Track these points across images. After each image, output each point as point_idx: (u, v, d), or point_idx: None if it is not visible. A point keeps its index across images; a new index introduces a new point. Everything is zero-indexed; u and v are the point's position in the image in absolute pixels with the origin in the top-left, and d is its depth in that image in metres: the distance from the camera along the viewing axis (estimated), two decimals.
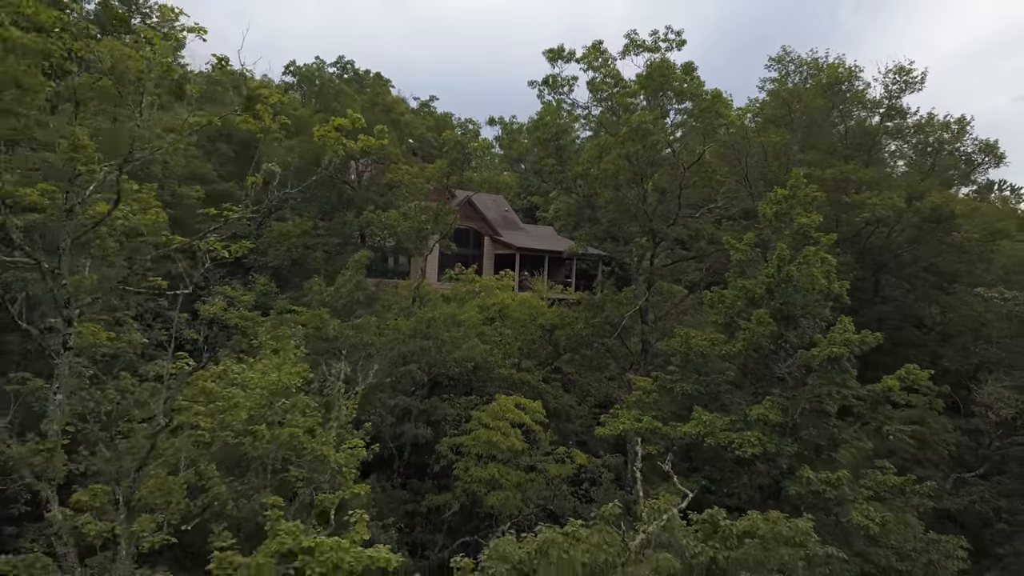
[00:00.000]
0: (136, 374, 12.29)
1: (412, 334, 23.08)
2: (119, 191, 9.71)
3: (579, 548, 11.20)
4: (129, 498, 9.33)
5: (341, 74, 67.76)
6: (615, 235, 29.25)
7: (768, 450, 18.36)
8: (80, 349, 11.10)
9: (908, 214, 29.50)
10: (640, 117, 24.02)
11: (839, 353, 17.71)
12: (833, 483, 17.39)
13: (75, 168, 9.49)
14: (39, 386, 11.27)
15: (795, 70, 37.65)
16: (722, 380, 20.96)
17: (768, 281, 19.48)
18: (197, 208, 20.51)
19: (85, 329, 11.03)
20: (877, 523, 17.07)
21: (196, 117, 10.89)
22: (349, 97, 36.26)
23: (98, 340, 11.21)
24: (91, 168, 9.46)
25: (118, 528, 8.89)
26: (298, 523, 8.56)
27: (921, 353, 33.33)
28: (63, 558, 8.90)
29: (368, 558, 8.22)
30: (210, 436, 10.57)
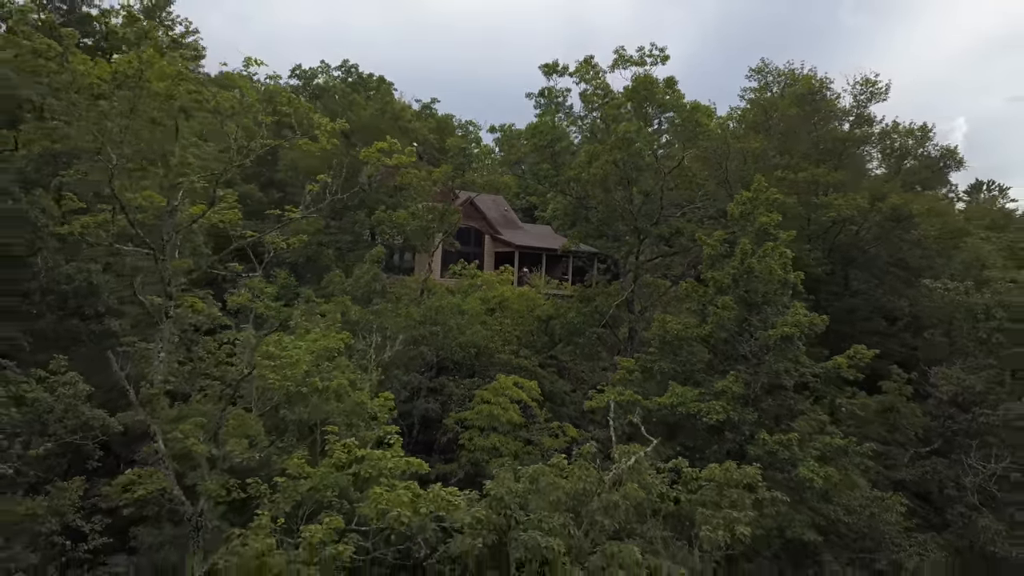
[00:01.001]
0: (216, 339, 15.18)
1: (422, 320, 25.99)
2: (214, 197, 12.59)
3: (563, 478, 14.13)
4: (216, 430, 12.19)
5: (345, 77, 70.57)
6: (605, 233, 32.14)
7: (732, 418, 21.27)
8: (177, 318, 14.00)
9: (872, 214, 32.41)
10: (625, 127, 26.93)
11: (791, 333, 20.62)
12: (785, 444, 20.30)
13: (176, 179, 12.36)
14: (146, 347, 14.16)
15: (773, 80, 40.59)
16: (696, 360, 23.86)
17: (733, 272, 22.40)
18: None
19: (184, 301, 13.93)
20: (821, 477, 19.97)
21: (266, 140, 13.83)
22: (360, 106, 39.11)
23: (197, 310, 14.07)
24: (191, 180, 12.36)
25: (215, 450, 11.74)
26: (352, 440, 11.44)
27: (888, 342, 36.22)
28: (166, 476, 11.74)
29: (405, 463, 11.11)
30: (277, 385, 13.42)
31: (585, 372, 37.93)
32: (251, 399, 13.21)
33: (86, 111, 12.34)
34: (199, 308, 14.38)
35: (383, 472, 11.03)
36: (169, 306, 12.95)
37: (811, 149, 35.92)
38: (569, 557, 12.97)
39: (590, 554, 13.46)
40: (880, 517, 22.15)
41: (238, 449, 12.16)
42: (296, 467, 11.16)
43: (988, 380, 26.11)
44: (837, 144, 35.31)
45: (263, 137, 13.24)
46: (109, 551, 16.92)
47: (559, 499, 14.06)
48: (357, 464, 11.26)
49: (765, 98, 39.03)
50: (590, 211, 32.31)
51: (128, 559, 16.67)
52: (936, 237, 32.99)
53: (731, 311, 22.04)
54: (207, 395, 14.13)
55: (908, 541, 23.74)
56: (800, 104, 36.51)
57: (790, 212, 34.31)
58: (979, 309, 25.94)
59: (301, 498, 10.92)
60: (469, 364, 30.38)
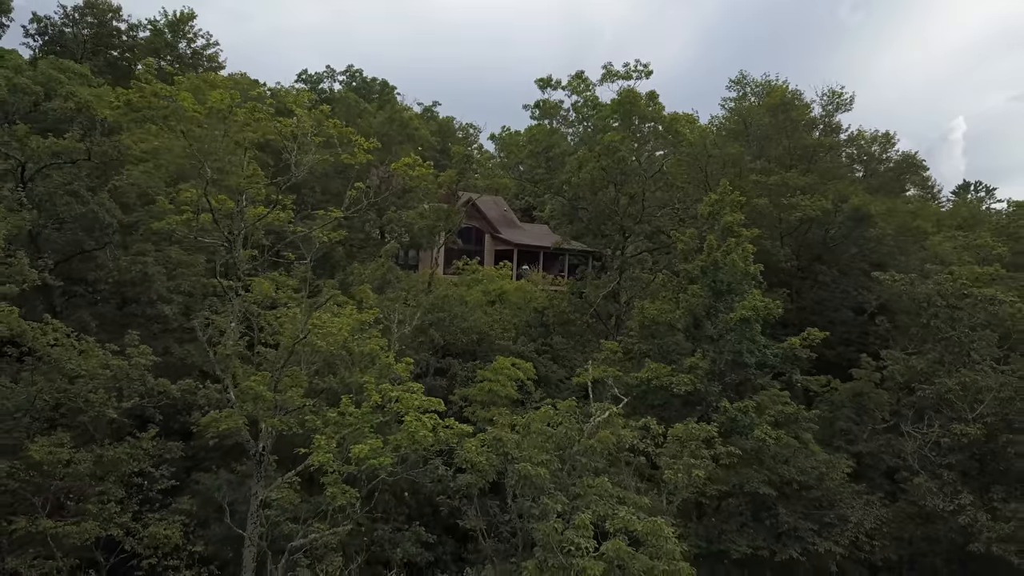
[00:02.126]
0: (273, 314, 18.68)
1: (430, 308, 29.44)
2: (277, 200, 16.06)
3: (550, 427, 17.60)
4: (277, 382, 15.60)
5: (350, 82, 73.99)
6: (594, 231, 35.61)
7: (699, 389, 24.74)
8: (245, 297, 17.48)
9: (836, 214, 35.88)
10: (610, 137, 30.41)
11: (748, 315, 24.07)
12: (743, 411, 23.75)
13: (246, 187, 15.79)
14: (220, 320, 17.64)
15: (751, 91, 44.02)
16: (670, 342, 27.31)
17: (702, 264, 25.86)
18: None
19: (253, 283, 17.44)
20: (773, 438, 23.42)
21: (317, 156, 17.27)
22: (371, 115, 42.55)
23: (264, 289, 17.55)
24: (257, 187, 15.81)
25: (279, 398, 15.17)
26: (386, 383, 14.90)
27: (853, 330, 39.79)
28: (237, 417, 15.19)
29: (428, 401, 14.56)
30: (324, 349, 16.82)
31: (578, 360, 41.45)
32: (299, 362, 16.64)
33: (187, 135, 15.76)
34: (265, 289, 17.82)
35: (411, 408, 14.49)
36: (238, 286, 16.39)
37: (783, 155, 39.34)
38: (554, 486, 16.43)
39: (571, 485, 16.91)
40: (828, 476, 25.65)
41: (295, 395, 15.59)
42: (344, 407, 14.58)
43: (931, 361, 29.50)
44: (807, 150, 38.73)
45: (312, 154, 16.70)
46: (175, 492, 20.44)
47: (547, 442, 17.52)
48: (391, 404, 14.72)
49: (743, 107, 42.46)
50: (581, 211, 35.78)
51: (191, 500, 20.18)
52: (894, 235, 36.42)
53: (699, 298, 25.52)
54: (266, 358, 17.55)
55: (858, 500, 27.32)
56: (774, 114, 39.95)
57: (762, 212, 37.89)
58: (922, 298, 29.34)
59: (347, 432, 14.35)
60: (472, 349, 33.78)
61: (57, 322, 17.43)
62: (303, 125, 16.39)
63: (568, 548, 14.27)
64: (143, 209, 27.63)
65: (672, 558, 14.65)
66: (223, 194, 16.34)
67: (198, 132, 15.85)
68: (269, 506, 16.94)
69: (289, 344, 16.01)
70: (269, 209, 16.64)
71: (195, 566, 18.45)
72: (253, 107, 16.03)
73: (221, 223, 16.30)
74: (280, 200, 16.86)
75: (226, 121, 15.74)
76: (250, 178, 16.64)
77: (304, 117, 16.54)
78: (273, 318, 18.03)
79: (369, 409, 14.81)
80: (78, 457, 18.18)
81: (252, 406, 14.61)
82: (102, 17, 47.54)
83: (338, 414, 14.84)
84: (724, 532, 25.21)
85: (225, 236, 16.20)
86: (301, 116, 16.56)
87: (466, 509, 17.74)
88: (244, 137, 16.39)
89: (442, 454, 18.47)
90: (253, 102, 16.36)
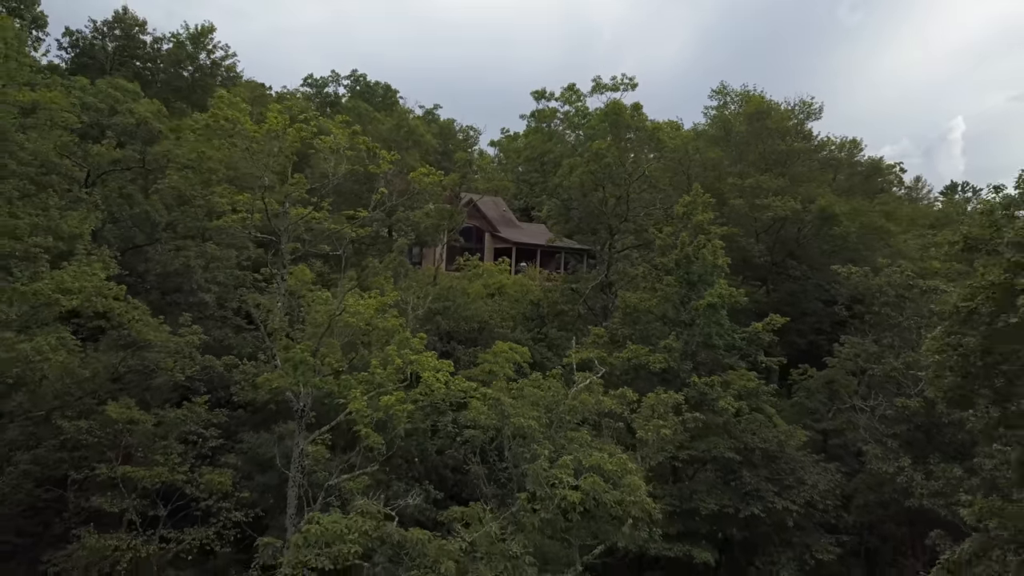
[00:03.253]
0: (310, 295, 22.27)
1: (436, 298, 32.99)
2: (318, 203, 19.58)
3: (540, 390, 21.16)
4: (316, 350, 19.11)
5: (354, 86, 77.47)
6: (585, 230, 39.18)
7: (673, 367, 28.27)
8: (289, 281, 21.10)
9: (805, 214, 39.44)
10: (598, 144, 33.96)
11: (715, 302, 27.61)
12: (710, 384, 27.28)
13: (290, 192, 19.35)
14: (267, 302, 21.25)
15: (731, 100, 47.58)
16: (649, 327, 30.85)
17: (676, 258, 29.41)
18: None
19: (295, 270, 21.04)
20: (735, 408, 26.95)
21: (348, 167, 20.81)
22: (380, 122, 46.12)
23: (305, 276, 21.13)
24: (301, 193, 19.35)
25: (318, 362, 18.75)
26: (407, 350, 18.45)
27: (824, 320, 43.39)
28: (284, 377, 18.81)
29: (439, 363, 18.12)
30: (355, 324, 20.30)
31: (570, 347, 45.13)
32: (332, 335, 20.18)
33: (246, 150, 19.34)
34: (305, 276, 21.39)
35: (426, 368, 18.01)
36: (283, 273, 19.91)
37: (759, 159, 42.90)
38: (543, 436, 19.99)
39: (557, 437, 20.47)
40: (785, 442, 29.20)
41: (333, 358, 19.09)
42: (373, 369, 18.13)
43: (883, 345, 33.06)
44: (780, 155, 42.29)
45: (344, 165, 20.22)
46: (222, 451, 23.98)
47: (537, 403, 21.08)
48: (410, 366, 18.26)
49: (724, 115, 46.05)
50: (573, 211, 39.35)
51: (236, 457, 23.75)
52: (859, 234, 40.03)
53: (674, 288, 29.07)
54: (304, 332, 21.06)
55: (816, 468, 30.94)
56: (750, 121, 43.53)
57: (739, 212, 41.46)
58: (875, 289, 32.92)
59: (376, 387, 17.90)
60: (474, 337, 37.31)
61: (137, 301, 20.95)
62: (339, 141, 19.94)
63: (553, 482, 17.78)
64: (179, 210, 31.21)
65: (636, 490, 18.17)
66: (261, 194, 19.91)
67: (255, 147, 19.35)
68: (306, 457, 20.49)
69: (325, 320, 19.51)
70: (310, 209, 20.22)
71: (242, 509, 21.99)
72: (299, 127, 19.55)
73: (273, 221, 19.83)
74: (318, 202, 20.39)
75: (279, 139, 19.26)
76: (295, 184, 20.21)
77: (340, 135, 20.10)
78: (311, 300, 21.54)
79: (393, 370, 18.35)
80: (143, 418, 21.75)
81: (294, 372, 18.10)
82: (129, 30, 51.10)
83: (369, 374, 18.39)
84: (695, 493, 28.70)
85: (273, 230, 19.73)
86: (336, 134, 20.14)
87: (471, 459, 21.26)
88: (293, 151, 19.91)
89: (453, 408, 22.04)
90: (300, 123, 19.96)
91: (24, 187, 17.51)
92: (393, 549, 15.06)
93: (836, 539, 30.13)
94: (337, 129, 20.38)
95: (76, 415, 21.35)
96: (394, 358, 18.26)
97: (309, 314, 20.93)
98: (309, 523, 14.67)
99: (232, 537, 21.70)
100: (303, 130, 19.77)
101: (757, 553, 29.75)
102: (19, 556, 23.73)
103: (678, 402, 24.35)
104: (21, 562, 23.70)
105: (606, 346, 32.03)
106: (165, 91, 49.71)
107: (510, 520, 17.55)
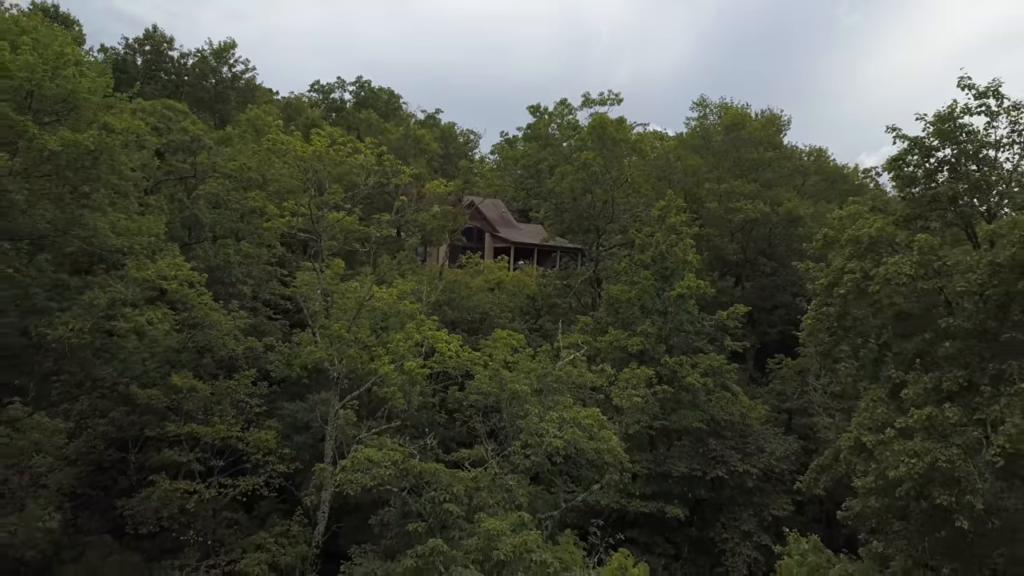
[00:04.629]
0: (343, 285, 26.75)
1: (443, 290, 37.43)
2: (350, 209, 24.02)
3: (531, 363, 25.59)
4: (350, 327, 23.52)
5: (359, 91, 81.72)
6: (575, 230, 43.64)
7: (648, 349, 32.67)
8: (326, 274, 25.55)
9: (774, 216, 43.87)
10: (585, 155, 38.43)
11: (684, 293, 32.04)
12: (679, 363, 31.70)
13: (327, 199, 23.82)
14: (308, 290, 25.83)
15: (711, 112, 52.05)
16: (629, 315, 35.26)
17: (652, 254, 33.83)
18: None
19: (333, 263, 25.49)
20: (700, 383, 31.36)
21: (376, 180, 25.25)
22: (389, 132, 50.57)
23: (340, 267, 25.56)
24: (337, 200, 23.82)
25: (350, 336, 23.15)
26: (425, 327, 22.95)
27: (792, 312, 47.74)
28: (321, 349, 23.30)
29: (451, 338, 22.57)
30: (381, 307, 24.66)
31: None
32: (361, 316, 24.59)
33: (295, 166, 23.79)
34: (340, 267, 25.86)
35: (440, 340, 22.37)
36: (322, 265, 24.30)
37: (734, 166, 47.32)
38: (534, 399, 24.42)
39: (545, 401, 24.91)
40: (747, 416, 33.68)
41: (363, 334, 23.51)
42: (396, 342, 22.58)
43: None
44: (752, 163, 46.71)
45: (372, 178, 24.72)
46: (265, 416, 28.36)
47: (529, 374, 25.52)
48: (427, 340, 22.71)
49: (703, 125, 50.54)
50: (565, 214, 43.81)
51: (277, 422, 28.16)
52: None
53: (650, 281, 33.50)
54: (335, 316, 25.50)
55: (775, 438, 35.42)
56: (727, 132, 47.98)
57: (715, 214, 45.89)
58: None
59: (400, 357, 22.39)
60: (476, 327, 41.76)
61: (203, 288, 25.34)
62: (368, 159, 24.36)
63: (542, 433, 22.17)
64: (215, 212, 35.62)
65: (609, 441, 22.58)
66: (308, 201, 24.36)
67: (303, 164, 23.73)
68: (338, 418, 24.93)
69: (355, 305, 23.91)
70: (343, 214, 24.67)
71: (284, 463, 26.39)
72: (339, 149, 23.95)
73: (314, 224, 24.26)
74: (350, 209, 24.83)
75: (321, 160, 23.64)
76: (332, 193, 24.63)
77: (368, 155, 24.52)
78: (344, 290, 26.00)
79: (413, 344, 22.74)
80: (202, 387, 26.15)
81: (331, 345, 22.39)
82: (158, 46, 55.49)
83: (394, 345, 22.79)
84: (668, 458, 33.12)
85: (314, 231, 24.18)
86: (366, 153, 24.57)
87: (475, 418, 25.67)
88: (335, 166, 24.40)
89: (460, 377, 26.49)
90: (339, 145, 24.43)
91: (112, 196, 21.79)
92: (415, 478, 19.42)
93: (792, 499, 34.56)
94: (367, 150, 24.83)
95: (147, 385, 25.76)
96: (413, 334, 22.66)
97: (339, 301, 25.32)
98: (354, 453, 19.06)
99: (276, 485, 26.12)
100: (340, 150, 24.17)
101: (723, 511, 34.19)
102: (93, 506, 28.16)
103: (649, 376, 28.77)
104: (95, 511, 28.13)
105: (592, 332, 36.47)
106: (190, 101, 53.99)
107: (506, 462, 21.95)
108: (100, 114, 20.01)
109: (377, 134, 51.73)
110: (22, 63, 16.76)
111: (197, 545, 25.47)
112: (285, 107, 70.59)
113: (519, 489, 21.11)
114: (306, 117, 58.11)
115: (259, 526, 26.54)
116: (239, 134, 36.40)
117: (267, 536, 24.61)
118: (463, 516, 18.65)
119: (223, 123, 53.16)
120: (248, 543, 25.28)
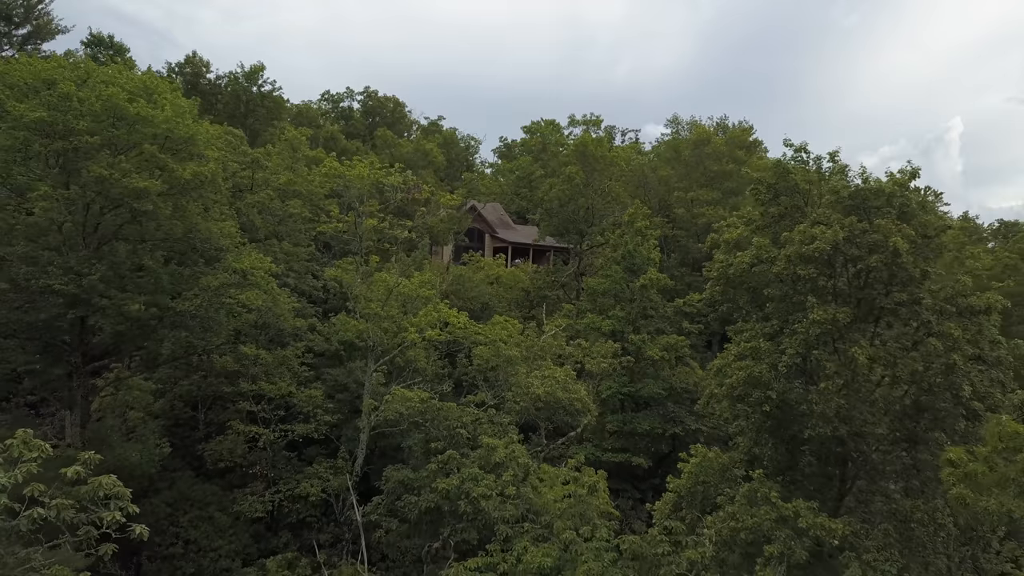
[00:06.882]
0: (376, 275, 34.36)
1: (450, 283, 44.94)
2: (385, 216, 31.44)
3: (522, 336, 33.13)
4: (385, 302, 30.99)
5: (366, 100, 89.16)
6: (563, 232, 51.21)
7: (618, 329, 40.14)
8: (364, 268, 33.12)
9: None
10: (570, 170, 45.97)
11: (646, 283, 39.52)
12: (643, 341, 39.17)
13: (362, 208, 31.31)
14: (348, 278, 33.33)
15: (683, 128, 59.56)
16: (604, 302, 42.76)
17: (623, 251, 41.33)
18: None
19: (369, 258, 33.00)
20: (659, 355, 38.82)
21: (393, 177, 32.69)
22: (401, 146, 58.15)
23: (374, 262, 33.07)
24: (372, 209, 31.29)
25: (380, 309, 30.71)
26: (441, 307, 30.45)
27: None
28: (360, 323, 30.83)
29: (460, 314, 30.09)
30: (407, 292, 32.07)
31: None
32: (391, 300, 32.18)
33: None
34: (375, 261, 33.37)
35: (452, 316, 29.90)
36: (359, 261, 31.94)
37: (701, 177, 54.85)
38: (522, 363, 31.92)
39: (531, 364, 32.43)
40: (700, 384, 41.12)
41: (394, 311, 31.07)
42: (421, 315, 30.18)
43: None
44: (716, 174, 54.25)
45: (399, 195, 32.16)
46: (312, 380, 35.79)
47: (519, 345, 33.02)
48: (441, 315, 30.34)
49: (673, 141, 58.14)
50: (553, 218, 51.37)
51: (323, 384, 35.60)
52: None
53: (620, 274, 41.01)
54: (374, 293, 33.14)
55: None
56: (695, 147, 55.51)
57: (683, 218, 53.45)
58: None
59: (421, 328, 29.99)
60: (478, 316, 49.25)
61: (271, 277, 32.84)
62: (396, 178, 31.83)
63: (527, 385, 29.62)
64: (259, 217, 43.10)
65: (578, 392, 30.00)
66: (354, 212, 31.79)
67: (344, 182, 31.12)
68: (371, 378, 32.39)
69: (386, 292, 31.38)
70: (376, 220, 32.16)
71: (330, 414, 33.80)
72: (376, 171, 31.43)
73: (358, 228, 31.74)
74: (383, 217, 32.25)
75: (363, 180, 30.98)
76: (370, 206, 32.13)
77: (396, 175, 32.00)
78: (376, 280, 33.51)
79: (432, 319, 30.27)
80: (266, 355, 33.60)
81: (367, 321, 29.70)
82: (196, 69, 63.03)
83: (419, 318, 30.29)
84: (635, 419, 40.56)
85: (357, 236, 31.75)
86: (394, 176, 32.08)
87: (479, 381, 33.16)
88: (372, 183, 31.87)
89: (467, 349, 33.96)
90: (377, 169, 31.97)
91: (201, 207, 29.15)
92: (434, 414, 26.87)
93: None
94: (396, 173, 32.30)
95: (223, 353, 33.23)
96: (431, 312, 30.16)
97: (372, 288, 32.74)
98: (394, 391, 26.53)
99: (323, 432, 33.56)
100: (377, 173, 31.64)
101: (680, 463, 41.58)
102: (175, 452, 35.68)
103: (616, 349, 36.26)
104: (176, 455, 35.63)
105: (574, 317, 44.01)
106: (222, 117, 61.56)
107: (501, 407, 29.45)
108: (203, 148, 27.39)
109: (392, 149, 59.38)
110: (162, 118, 24.11)
111: (262, 478, 32.96)
112: (296, 115, 78.21)
113: (511, 428, 28.59)
114: (326, 131, 65.59)
115: (309, 464, 34.03)
116: (278, 152, 43.78)
117: (319, 467, 32.07)
118: (469, 439, 26.14)
119: (254, 135, 60.76)
120: (302, 476, 32.77)
